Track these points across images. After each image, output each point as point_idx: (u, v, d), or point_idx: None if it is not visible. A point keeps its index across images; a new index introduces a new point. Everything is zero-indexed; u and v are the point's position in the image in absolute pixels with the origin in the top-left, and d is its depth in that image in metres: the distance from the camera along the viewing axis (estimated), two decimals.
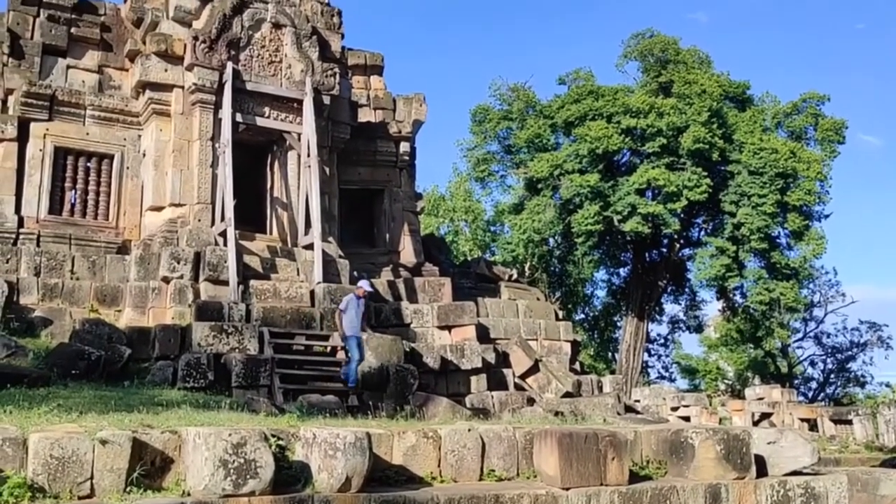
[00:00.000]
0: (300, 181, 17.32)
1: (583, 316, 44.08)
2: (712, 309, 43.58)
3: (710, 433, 7.83)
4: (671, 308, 41.90)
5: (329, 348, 14.70)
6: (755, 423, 24.13)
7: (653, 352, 44.83)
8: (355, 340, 13.61)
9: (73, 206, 17.04)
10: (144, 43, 17.18)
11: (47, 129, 16.78)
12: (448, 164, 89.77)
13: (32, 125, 16.68)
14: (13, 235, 15.90)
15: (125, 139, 17.46)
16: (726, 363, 47.69)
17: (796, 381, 41.87)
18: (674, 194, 29.75)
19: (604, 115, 30.97)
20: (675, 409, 25.70)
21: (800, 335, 43.05)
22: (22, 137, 16.61)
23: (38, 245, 15.94)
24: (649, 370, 44.72)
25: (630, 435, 8.08)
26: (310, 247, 16.51)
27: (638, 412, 18.69)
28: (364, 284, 14.71)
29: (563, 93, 33.80)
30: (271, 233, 17.39)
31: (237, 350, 13.34)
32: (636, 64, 34.85)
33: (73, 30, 17.64)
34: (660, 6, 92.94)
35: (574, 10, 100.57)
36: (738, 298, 35.56)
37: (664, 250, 35.61)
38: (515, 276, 26.09)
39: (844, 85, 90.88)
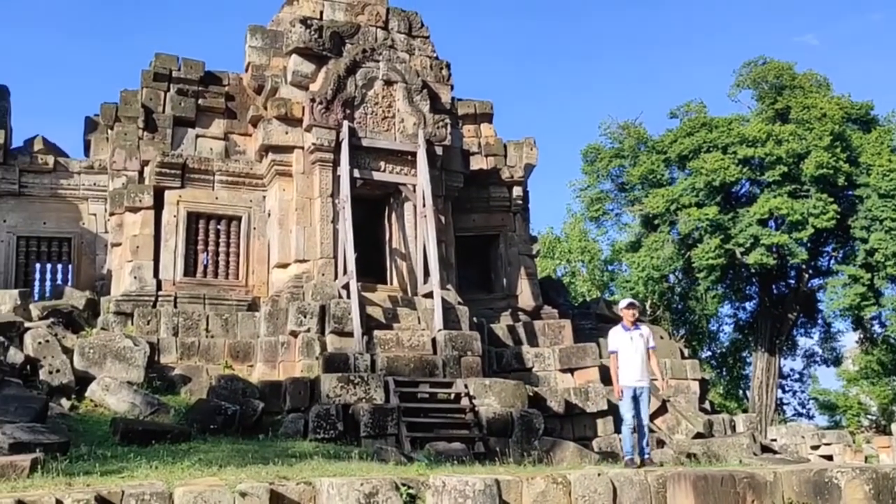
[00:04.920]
0: (417, 231, 17.66)
1: (709, 353, 42.75)
2: (849, 340, 41.56)
3: (856, 472, 7.45)
4: (804, 341, 40.15)
5: (453, 395, 14.77)
6: None
7: (787, 388, 42.96)
8: (630, 392, 9.99)
9: (205, 267, 17.88)
10: (266, 108, 18.02)
11: (180, 196, 17.76)
12: (562, 206, 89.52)
13: (167, 193, 17.69)
14: (153, 298, 16.83)
15: (251, 201, 18.29)
16: (868, 397, 45.08)
17: None
18: (799, 223, 28.74)
19: (719, 147, 30.40)
20: (815, 447, 24.52)
21: None
22: (157, 205, 17.64)
23: (175, 306, 16.80)
24: (784, 407, 42.79)
25: (769, 476, 7.78)
26: (429, 295, 16.73)
27: (775, 452, 17.88)
28: (624, 304, 10.71)
29: (674, 127, 33.44)
30: (391, 283, 17.73)
31: (364, 400, 13.60)
32: (749, 92, 34.14)
33: (200, 101, 18.71)
34: (766, 33, 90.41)
35: (679, 44, 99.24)
36: (876, 328, 33.83)
37: (792, 281, 34.31)
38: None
39: None
